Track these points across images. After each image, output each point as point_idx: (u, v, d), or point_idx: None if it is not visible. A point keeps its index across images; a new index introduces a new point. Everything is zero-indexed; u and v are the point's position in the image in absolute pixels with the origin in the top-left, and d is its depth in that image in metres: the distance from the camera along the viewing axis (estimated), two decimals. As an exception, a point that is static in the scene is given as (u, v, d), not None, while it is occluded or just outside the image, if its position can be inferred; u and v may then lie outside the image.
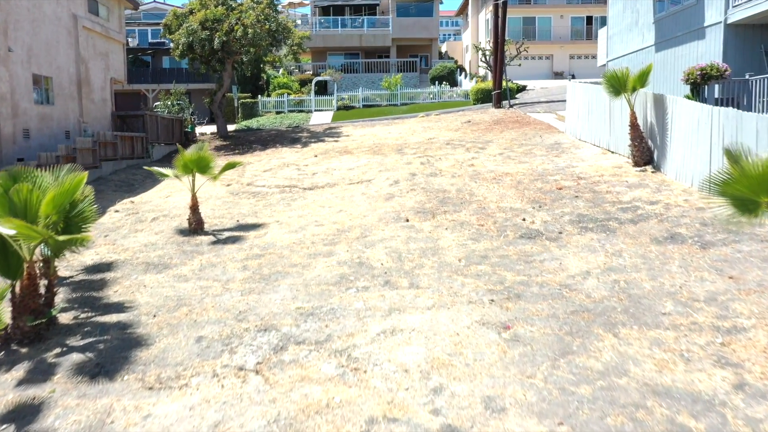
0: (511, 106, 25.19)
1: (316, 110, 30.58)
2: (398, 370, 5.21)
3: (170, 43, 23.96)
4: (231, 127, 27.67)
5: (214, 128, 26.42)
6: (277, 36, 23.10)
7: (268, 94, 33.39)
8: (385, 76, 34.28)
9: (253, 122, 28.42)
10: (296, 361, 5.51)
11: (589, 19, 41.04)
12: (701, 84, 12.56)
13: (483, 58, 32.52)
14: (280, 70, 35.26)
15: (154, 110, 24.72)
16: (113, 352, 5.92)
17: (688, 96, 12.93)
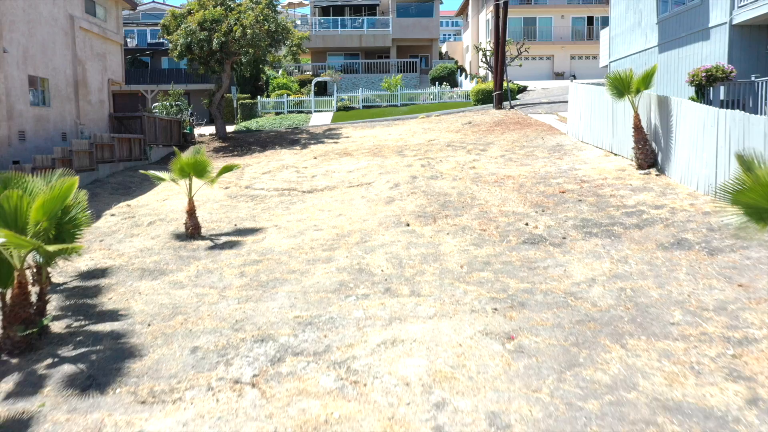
0: (512, 107, 25.02)
1: (315, 111, 30.42)
2: (399, 384, 5.04)
3: (169, 43, 23.79)
4: (230, 128, 27.51)
5: (213, 129, 26.25)
6: (276, 37, 22.93)
7: (268, 95, 33.22)
8: (385, 77, 34.12)
9: (252, 123, 28.25)
10: (294, 373, 5.35)
11: (590, 20, 40.87)
12: (706, 86, 12.37)
13: (483, 59, 32.36)
14: (280, 71, 35.08)
15: (153, 111, 24.54)
16: (106, 363, 5.76)
17: (693, 98, 12.76)
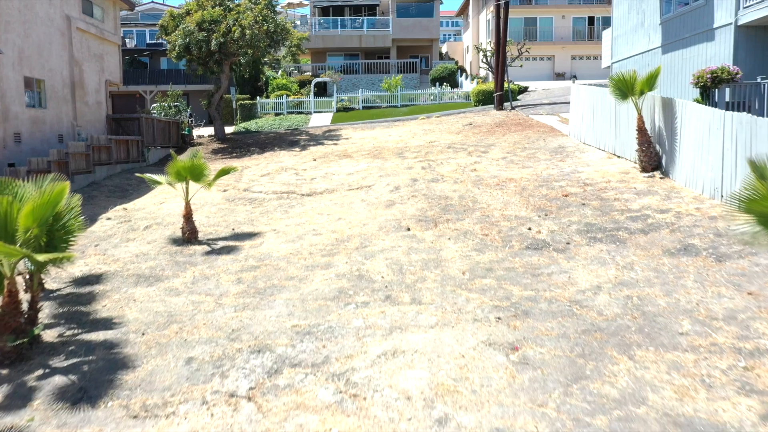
0: (513, 108, 24.84)
1: (315, 112, 30.24)
2: (400, 397, 4.88)
3: (167, 44, 23.61)
4: (229, 129, 27.32)
5: (212, 130, 26.07)
6: (275, 37, 22.75)
7: (267, 96, 33.05)
8: (385, 78, 33.94)
9: (251, 124, 28.07)
10: (291, 386, 5.18)
11: (591, 20, 40.67)
12: (711, 87, 12.19)
13: (484, 59, 32.17)
14: (279, 72, 34.91)
15: (151, 112, 24.37)
16: (98, 375, 5.59)
17: (698, 99, 12.58)
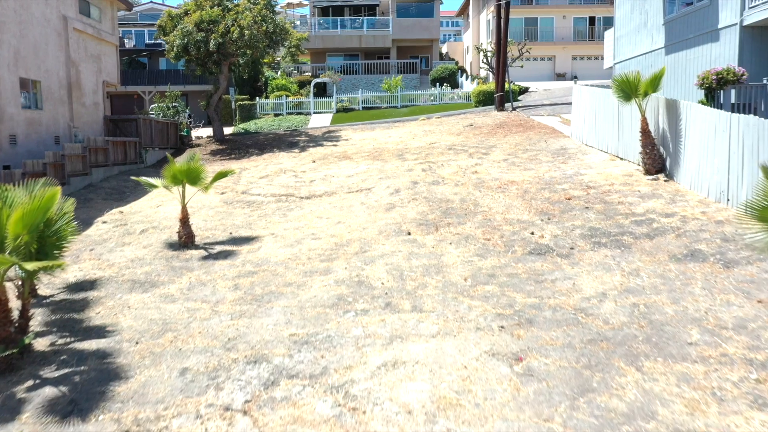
0: (513, 108, 24.68)
1: (315, 112, 30.07)
2: (401, 411, 4.71)
3: (165, 44, 23.45)
4: (228, 130, 27.13)
5: (211, 131, 25.90)
6: (274, 37, 22.59)
7: (267, 96, 32.88)
8: (385, 78, 33.77)
9: (250, 125, 27.90)
10: (288, 398, 5.01)
11: (592, 20, 40.48)
12: (716, 89, 12.02)
13: (484, 60, 31.99)
14: (279, 72, 34.74)
15: (149, 113, 24.20)
16: (89, 386, 5.42)
17: (702, 101, 12.41)
